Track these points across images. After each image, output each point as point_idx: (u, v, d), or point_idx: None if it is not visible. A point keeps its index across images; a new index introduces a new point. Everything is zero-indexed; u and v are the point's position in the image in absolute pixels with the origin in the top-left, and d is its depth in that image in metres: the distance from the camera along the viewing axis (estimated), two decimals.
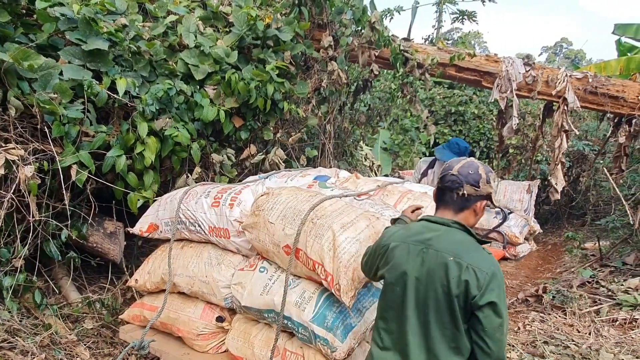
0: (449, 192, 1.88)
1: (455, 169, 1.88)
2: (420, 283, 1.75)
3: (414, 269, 1.77)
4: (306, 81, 4.48)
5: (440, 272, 1.71)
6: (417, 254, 1.78)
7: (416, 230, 1.87)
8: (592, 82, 5.25)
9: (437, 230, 1.82)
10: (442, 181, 1.92)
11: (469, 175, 1.86)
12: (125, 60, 3.66)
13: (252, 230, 2.65)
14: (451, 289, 1.68)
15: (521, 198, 6.10)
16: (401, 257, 1.82)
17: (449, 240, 1.77)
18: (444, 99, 12.94)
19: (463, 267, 1.68)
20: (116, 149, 3.48)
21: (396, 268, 1.82)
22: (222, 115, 3.81)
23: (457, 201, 1.86)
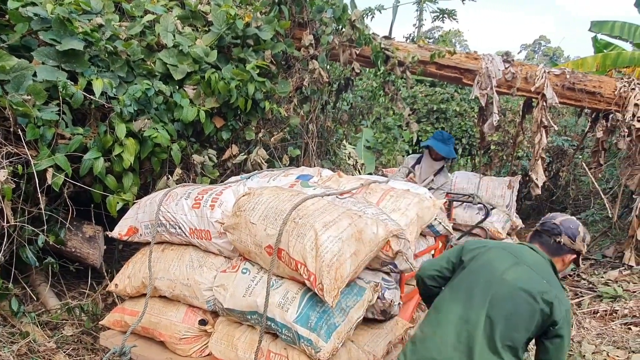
0: (546, 235, 2.18)
1: (558, 220, 2.18)
2: (500, 285, 2.01)
3: (499, 272, 2.05)
4: (287, 80, 4.45)
5: (527, 284, 1.99)
6: (512, 263, 2.08)
7: (515, 247, 2.21)
8: (570, 78, 5.33)
9: (533, 256, 2.12)
10: (542, 226, 2.23)
11: (569, 228, 2.15)
12: (102, 60, 3.59)
13: (233, 232, 2.61)
14: (532, 305, 1.95)
15: (503, 194, 6.15)
16: (492, 259, 2.12)
17: (541, 267, 2.07)
18: (426, 96, 13.01)
19: (548, 289, 1.97)
20: (93, 151, 3.40)
21: (484, 264, 2.12)
22: (203, 116, 3.76)
23: (552, 245, 2.16)
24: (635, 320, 4.94)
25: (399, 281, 3.07)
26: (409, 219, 3.04)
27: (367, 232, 2.43)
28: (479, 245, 2.25)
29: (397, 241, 2.59)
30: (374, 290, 2.62)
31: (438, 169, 4.84)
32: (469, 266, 2.17)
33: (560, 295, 2.00)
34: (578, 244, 2.14)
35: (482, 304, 2.00)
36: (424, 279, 2.41)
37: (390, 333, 2.88)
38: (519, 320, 1.94)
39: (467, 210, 6.07)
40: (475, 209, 6.05)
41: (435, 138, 4.77)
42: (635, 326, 4.85)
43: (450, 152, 4.74)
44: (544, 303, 1.94)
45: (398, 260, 2.70)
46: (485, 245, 2.25)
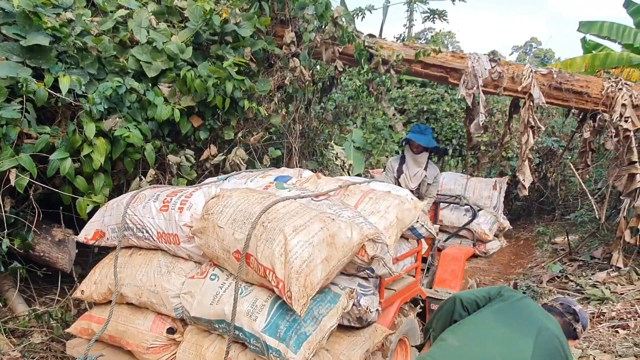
0: (561, 316, 2.33)
1: (578, 308, 2.39)
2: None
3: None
4: (268, 79, 4.33)
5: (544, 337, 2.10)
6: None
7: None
8: (557, 78, 5.26)
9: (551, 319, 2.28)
10: (563, 308, 2.37)
11: (585, 319, 2.36)
12: (70, 57, 3.44)
13: (201, 236, 2.49)
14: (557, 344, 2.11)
15: (490, 195, 6.09)
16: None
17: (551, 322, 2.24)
18: (416, 97, 12.96)
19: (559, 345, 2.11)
20: (60, 151, 3.26)
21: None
22: (177, 114, 3.63)
23: (568, 329, 2.30)
24: (622, 323, 4.87)
25: (379, 286, 2.96)
26: (388, 222, 2.93)
27: (340, 236, 2.31)
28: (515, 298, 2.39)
29: (373, 245, 2.48)
30: (349, 296, 2.50)
31: (424, 162, 4.73)
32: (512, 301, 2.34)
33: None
34: (583, 334, 2.39)
35: (530, 333, 2.10)
36: (463, 300, 2.49)
37: (368, 340, 2.76)
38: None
39: (454, 211, 6.01)
40: (462, 210, 5.98)
41: (413, 131, 4.71)
42: (623, 329, 4.78)
43: (429, 142, 4.66)
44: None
45: (375, 265, 2.59)
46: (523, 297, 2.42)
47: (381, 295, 2.96)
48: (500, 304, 2.33)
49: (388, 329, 3.00)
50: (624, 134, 5.27)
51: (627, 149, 5.29)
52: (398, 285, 3.35)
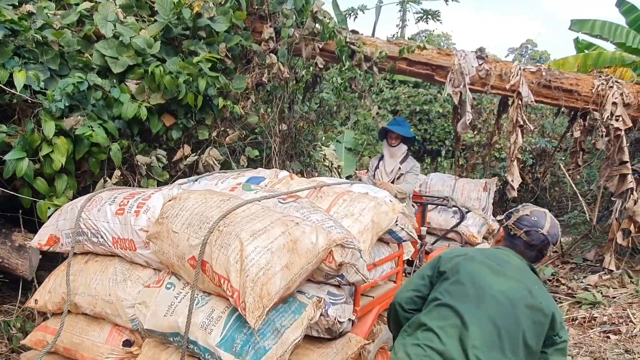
0: (531, 248, 1.99)
1: (546, 228, 1.97)
2: (500, 299, 1.83)
3: (493, 285, 1.86)
4: (244, 76, 4.15)
5: (519, 299, 1.82)
6: (496, 273, 1.90)
7: (497, 256, 2.00)
8: (546, 76, 5.11)
9: (515, 262, 1.97)
10: (528, 236, 1.98)
11: (555, 235, 1.99)
12: (30, 51, 3.25)
13: (155, 241, 2.30)
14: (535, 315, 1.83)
15: (479, 196, 5.92)
16: (479, 270, 1.91)
17: (527, 276, 1.92)
18: (408, 97, 12.81)
19: (545, 298, 1.87)
20: (17, 151, 3.07)
21: (474, 276, 1.90)
22: (144, 112, 3.44)
23: (539, 258, 2.03)
24: (613, 328, 4.72)
25: (354, 294, 2.79)
26: (362, 225, 2.75)
27: (303, 241, 2.13)
28: (459, 254, 2.05)
29: (341, 251, 2.30)
30: (316, 306, 2.32)
31: (402, 155, 4.63)
32: (454, 277, 1.95)
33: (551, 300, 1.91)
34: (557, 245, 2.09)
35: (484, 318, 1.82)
36: (402, 304, 2.13)
37: (340, 352, 2.58)
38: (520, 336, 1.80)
39: (442, 213, 5.84)
40: (450, 212, 5.82)
41: (390, 124, 4.67)
42: (614, 334, 4.63)
43: (406, 132, 4.59)
44: (545, 317, 1.83)
45: (346, 271, 2.42)
46: (465, 254, 2.03)
47: (356, 303, 2.78)
48: (443, 286, 1.95)
49: (364, 339, 2.82)
50: (615, 133, 5.13)
51: (618, 148, 5.14)
52: (377, 292, 3.17)
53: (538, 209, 2.04)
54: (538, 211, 2.02)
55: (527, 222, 1.99)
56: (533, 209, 2.04)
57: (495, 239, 2.17)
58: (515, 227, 2.01)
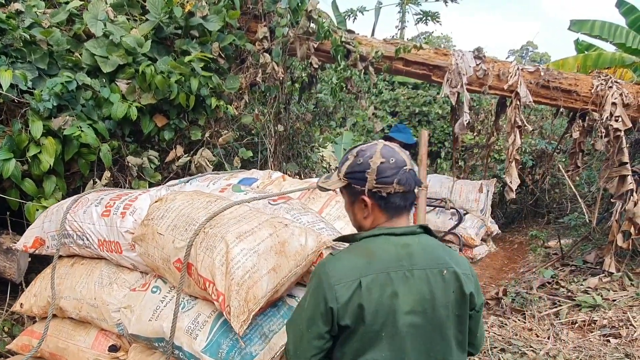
0: (412, 193, 1.47)
1: (408, 162, 1.45)
2: (415, 316, 1.37)
3: (402, 303, 1.36)
4: (237, 75, 4.09)
5: (437, 292, 1.39)
6: (401, 282, 1.37)
7: (386, 255, 1.40)
8: (544, 76, 5.04)
9: (406, 245, 1.42)
10: (402, 185, 1.42)
11: (413, 163, 1.51)
12: (17, 50, 3.20)
13: (141, 243, 2.24)
14: (454, 307, 1.42)
15: (477, 198, 5.86)
16: (382, 296, 1.35)
17: (428, 251, 1.44)
18: (408, 99, 12.76)
19: (458, 276, 1.43)
20: (4, 151, 3.01)
21: (378, 310, 1.35)
22: (134, 112, 3.38)
23: (413, 199, 1.52)
24: (614, 331, 4.64)
25: None
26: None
27: (292, 243, 2.07)
28: (355, 285, 1.37)
29: None
30: None
31: None
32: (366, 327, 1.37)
33: (466, 266, 1.47)
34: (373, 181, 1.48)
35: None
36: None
37: None
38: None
39: (440, 215, 5.78)
40: (448, 214, 5.76)
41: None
42: (615, 338, 4.56)
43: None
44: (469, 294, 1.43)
45: None
46: (363, 279, 1.38)
47: None
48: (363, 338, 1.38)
49: None
50: (615, 134, 5.06)
51: (618, 149, 5.07)
52: None
53: (375, 146, 1.48)
54: (384, 148, 1.46)
55: (389, 170, 1.42)
56: (375, 149, 1.46)
57: (368, 221, 1.50)
58: (382, 185, 1.42)
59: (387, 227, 1.46)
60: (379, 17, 13.97)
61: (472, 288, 1.44)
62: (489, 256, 7.56)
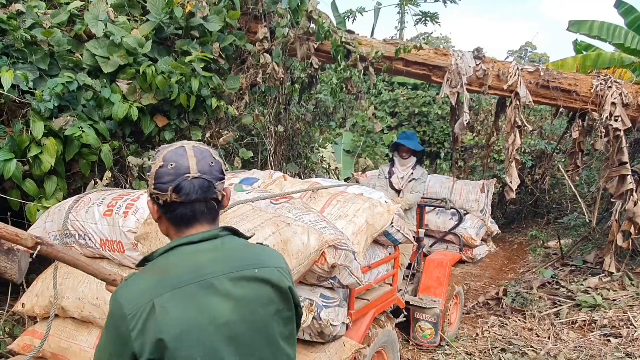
0: (201, 203, 1.27)
1: (194, 168, 1.26)
2: (232, 326, 1.19)
3: (211, 317, 1.17)
4: (237, 76, 4.10)
5: (249, 294, 1.22)
6: (206, 294, 1.18)
7: (179, 270, 1.21)
8: (544, 76, 5.06)
9: (207, 251, 1.25)
10: (183, 193, 1.25)
11: (212, 169, 1.29)
12: (18, 51, 3.20)
13: (144, 242, 2.24)
14: (274, 305, 1.26)
15: (477, 198, 5.87)
16: (186, 315, 1.15)
17: (234, 253, 1.28)
18: (407, 100, 12.78)
19: (274, 272, 1.28)
20: (4, 151, 3.01)
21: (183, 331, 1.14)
22: (135, 112, 3.39)
23: (212, 208, 1.31)
24: (614, 331, 4.65)
25: (348, 297, 2.73)
26: (356, 227, 2.71)
27: (294, 242, 2.08)
28: (148, 312, 1.14)
29: (334, 253, 2.24)
30: (307, 309, 2.27)
31: (412, 165, 4.88)
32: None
33: (280, 261, 1.35)
34: (224, 172, 1.37)
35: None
36: None
37: (334, 356, 2.53)
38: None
39: (440, 215, 5.79)
40: (449, 214, 5.77)
41: (400, 138, 4.83)
42: (615, 337, 4.56)
43: (416, 146, 4.81)
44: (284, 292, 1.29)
45: (339, 274, 2.36)
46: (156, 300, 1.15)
47: (351, 306, 2.73)
48: None
49: (359, 343, 2.76)
50: (614, 134, 5.07)
51: (618, 149, 5.09)
52: (372, 295, 3.11)
53: (171, 147, 1.32)
54: (172, 151, 1.29)
55: (167, 176, 1.26)
56: (165, 151, 1.31)
57: (164, 231, 1.38)
58: (158, 191, 1.27)
59: (184, 237, 1.29)
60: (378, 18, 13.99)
61: (290, 282, 1.32)
62: (488, 256, 7.58)
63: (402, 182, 4.86)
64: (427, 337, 4.29)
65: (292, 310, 1.32)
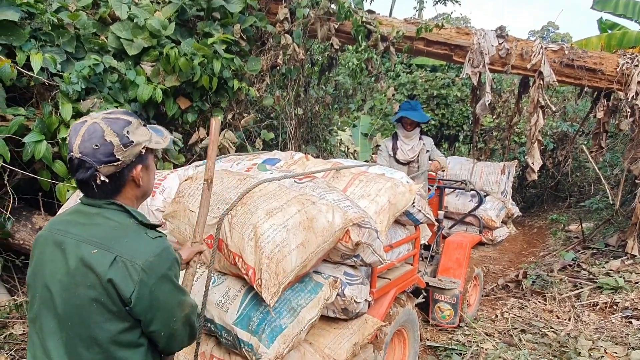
0: (85, 185, 1.33)
1: (75, 148, 1.29)
2: (62, 288, 1.27)
3: (54, 269, 1.28)
4: (258, 57, 4.11)
5: (81, 269, 1.25)
6: (58, 246, 1.29)
7: (64, 216, 1.38)
8: (569, 55, 4.95)
9: (85, 214, 1.34)
10: (70, 170, 1.35)
11: (95, 151, 1.29)
12: (46, 34, 3.26)
13: (172, 220, 2.31)
14: (96, 292, 1.25)
15: (498, 180, 5.81)
16: (42, 254, 1.31)
17: (97, 227, 1.31)
18: (426, 82, 12.60)
19: (109, 260, 1.25)
20: (35, 133, 3.09)
21: (36, 270, 1.32)
22: (159, 94, 3.44)
23: (102, 188, 1.33)
24: (636, 313, 4.62)
25: (370, 275, 2.76)
26: (379, 206, 2.72)
27: (320, 220, 2.11)
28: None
29: (358, 231, 2.27)
30: (332, 286, 2.31)
31: (417, 136, 4.63)
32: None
33: (129, 250, 1.28)
34: (126, 155, 1.33)
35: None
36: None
37: (356, 333, 2.57)
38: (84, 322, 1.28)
39: (460, 197, 5.76)
40: (468, 196, 5.74)
41: (404, 109, 4.56)
42: (637, 319, 4.53)
43: (423, 117, 4.57)
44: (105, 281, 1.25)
45: (362, 252, 2.39)
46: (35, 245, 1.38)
47: (373, 284, 2.77)
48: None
49: (381, 321, 2.80)
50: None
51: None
52: (393, 274, 3.14)
53: (80, 120, 1.36)
54: (75, 125, 1.34)
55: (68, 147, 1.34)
56: (75, 123, 1.37)
57: None
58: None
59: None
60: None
61: (125, 278, 1.25)
62: (507, 240, 7.53)
63: (411, 154, 4.64)
64: (446, 318, 4.31)
65: (119, 307, 1.26)
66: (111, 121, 1.33)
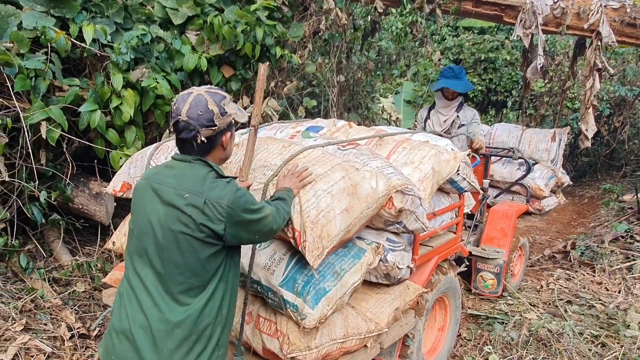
0: (187, 143, 1.67)
1: (184, 113, 1.62)
2: (159, 223, 1.62)
3: (153, 208, 1.64)
4: (301, 23, 4.07)
5: (174, 210, 1.60)
6: (154, 192, 1.65)
7: (158, 168, 1.76)
8: (631, 13, 4.60)
9: (175, 168, 1.69)
10: (176, 131, 1.68)
11: (200, 117, 1.62)
12: (96, 5, 3.36)
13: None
14: (189, 228, 1.59)
15: (548, 147, 5.57)
16: (142, 197, 1.68)
17: (186, 177, 1.64)
18: (473, 45, 12.05)
19: (200, 202, 1.58)
20: (89, 103, 3.24)
21: (139, 209, 1.70)
22: (204, 63, 3.49)
23: (200, 147, 1.66)
24: None
25: (412, 242, 2.77)
26: (422, 174, 2.69)
27: (363, 186, 2.12)
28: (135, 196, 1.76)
29: (401, 198, 2.27)
30: (375, 252, 2.34)
31: (457, 105, 4.28)
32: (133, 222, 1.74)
33: (214, 194, 1.60)
34: (221, 123, 1.65)
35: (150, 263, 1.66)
36: None
37: (398, 298, 2.61)
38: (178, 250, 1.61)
39: (507, 165, 5.59)
40: (516, 164, 5.56)
41: (445, 76, 4.19)
42: None
43: (467, 86, 4.23)
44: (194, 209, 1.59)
45: (406, 219, 2.39)
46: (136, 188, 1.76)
47: (415, 251, 2.77)
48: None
49: (422, 287, 2.82)
50: None
51: None
52: (435, 242, 3.14)
53: (185, 91, 1.71)
54: (182, 95, 1.69)
55: (173, 113, 1.67)
56: (181, 93, 1.72)
57: None
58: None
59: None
60: None
61: (216, 215, 1.58)
62: (556, 210, 7.27)
63: (443, 127, 4.31)
64: (489, 287, 4.28)
65: (211, 238, 1.60)
66: (212, 94, 1.67)
